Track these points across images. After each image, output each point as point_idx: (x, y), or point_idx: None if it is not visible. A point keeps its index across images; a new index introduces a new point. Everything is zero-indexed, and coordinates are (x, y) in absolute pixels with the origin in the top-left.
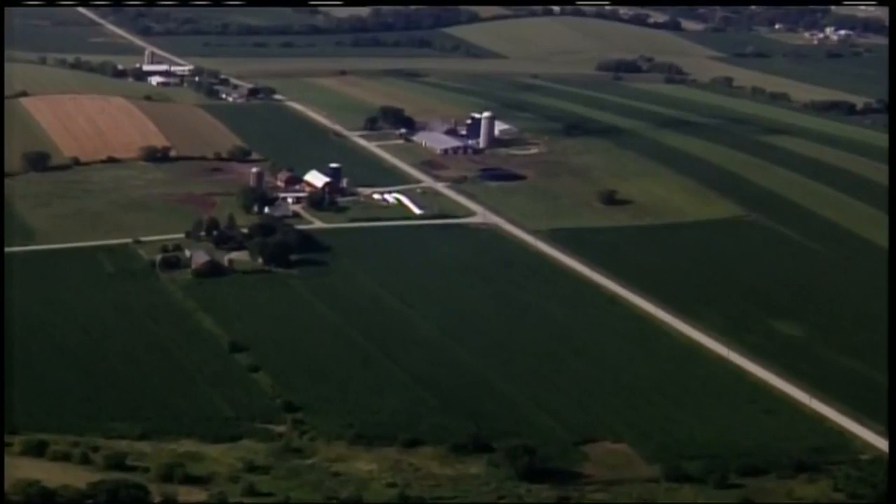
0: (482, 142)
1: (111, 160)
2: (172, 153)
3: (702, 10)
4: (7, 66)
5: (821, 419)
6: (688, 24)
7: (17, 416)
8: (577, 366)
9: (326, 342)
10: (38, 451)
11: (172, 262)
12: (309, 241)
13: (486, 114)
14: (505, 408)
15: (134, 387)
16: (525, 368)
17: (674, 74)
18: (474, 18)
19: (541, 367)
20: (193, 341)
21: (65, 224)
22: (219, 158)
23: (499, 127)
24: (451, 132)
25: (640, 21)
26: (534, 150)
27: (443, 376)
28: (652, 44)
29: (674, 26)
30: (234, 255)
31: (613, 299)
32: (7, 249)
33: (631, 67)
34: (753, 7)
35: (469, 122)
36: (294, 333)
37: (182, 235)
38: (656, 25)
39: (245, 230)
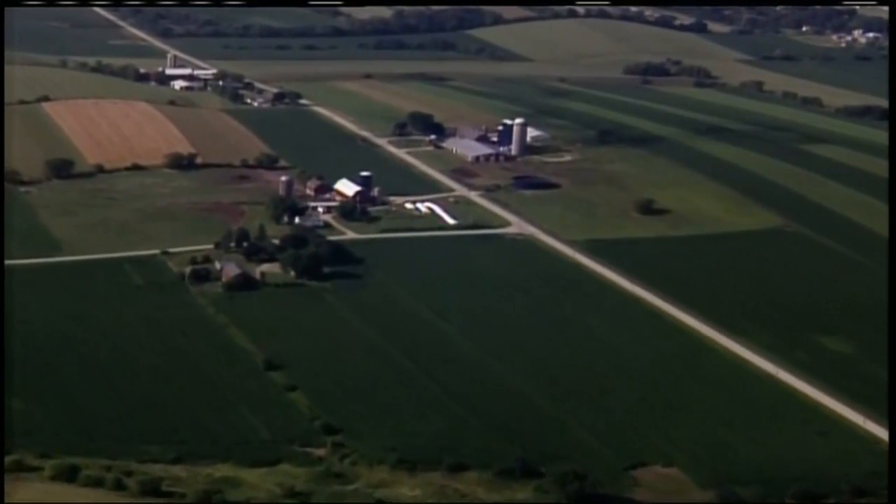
0: (514, 149)
1: (136, 167)
2: (198, 160)
3: (727, 11)
4: (28, 70)
5: (876, 441)
6: (714, 27)
7: (46, 438)
8: (623, 385)
9: (364, 360)
10: (69, 476)
11: (202, 274)
12: (342, 253)
13: (518, 120)
14: (550, 430)
15: (167, 407)
16: (569, 387)
17: (703, 78)
18: (498, 20)
19: (585, 386)
20: (227, 358)
21: (90, 234)
22: (246, 166)
23: (530, 133)
24: (482, 139)
25: (665, 23)
26: (567, 158)
27: (485, 396)
28: (678, 46)
29: (700, 28)
30: (266, 267)
31: (656, 314)
32: (32, 261)
33: (659, 71)
34: (780, 9)
35: (500, 128)
36: (330, 350)
37: (211, 246)
38: (682, 27)
39: (276, 241)
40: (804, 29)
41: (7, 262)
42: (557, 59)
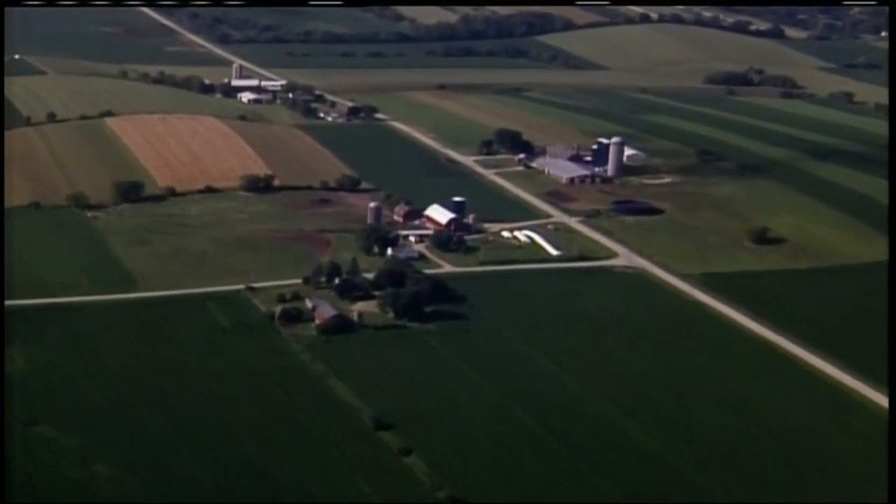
0: (611, 170)
1: (209, 190)
2: (275, 182)
3: (802, 15)
4: (87, 81)
5: None
6: (790, 32)
7: None
8: (768, 446)
9: (481, 416)
10: None
11: (293, 314)
12: (442, 290)
13: (615, 139)
14: (697, 500)
15: (270, 473)
16: (710, 449)
17: (789, 88)
18: (569, 25)
19: (728, 447)
20: (331, 415)
21: (167, 266)
22: (326, 188)
23: (625, 152)
24: (575, 158)
25: (741, 28)
26: (667, 180)
27: (620, 461)
28: (757, 53)
29: (776, 34)
30: (361, 306)
31: (792, 362)
32: (107, 297)
33: (741, 80)
34: (856, 13)
35: (595, 147)
36: (443, 405)
37: (298, 281)
38: (758, 33)
39: (370, 276)
40: (883, 34)
41: (79, 298)
42: (635, 68)
